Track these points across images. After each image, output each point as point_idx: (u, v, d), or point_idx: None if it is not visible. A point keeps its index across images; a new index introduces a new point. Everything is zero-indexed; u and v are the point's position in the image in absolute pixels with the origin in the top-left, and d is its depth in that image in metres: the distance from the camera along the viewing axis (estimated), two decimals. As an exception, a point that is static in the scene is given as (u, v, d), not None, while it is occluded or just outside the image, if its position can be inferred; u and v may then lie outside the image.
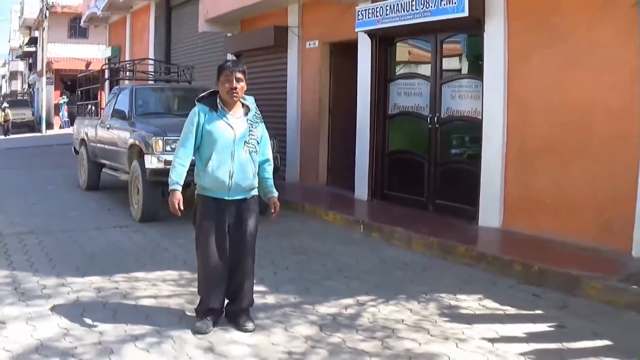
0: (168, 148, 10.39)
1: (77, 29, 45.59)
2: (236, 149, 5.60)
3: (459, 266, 8.18)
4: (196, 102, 5.78)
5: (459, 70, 11.04)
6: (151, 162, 10.53)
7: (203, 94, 5.86)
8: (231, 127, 5.63)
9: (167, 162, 10.16)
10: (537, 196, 9.13)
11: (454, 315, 6.25)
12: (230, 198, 5.65)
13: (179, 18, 23.43)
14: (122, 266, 7.93)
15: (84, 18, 32.64)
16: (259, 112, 5.88)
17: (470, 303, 6.62)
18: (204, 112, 5.65)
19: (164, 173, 10.23)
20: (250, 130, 5.69)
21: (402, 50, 12.16)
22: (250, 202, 5.76)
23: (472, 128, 10.34)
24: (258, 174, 5.82)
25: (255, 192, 5.83)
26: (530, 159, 9.25)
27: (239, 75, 5.65)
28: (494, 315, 6.30)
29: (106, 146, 13.40)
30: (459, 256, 8.38)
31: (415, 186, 11.41)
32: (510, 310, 6.45)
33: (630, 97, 7.91)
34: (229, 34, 17.69)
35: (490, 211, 9.70)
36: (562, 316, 6.25)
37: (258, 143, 5.77)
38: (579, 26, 8.64)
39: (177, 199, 5.59)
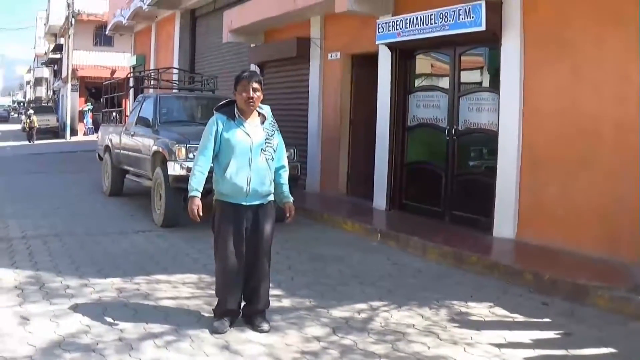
0: (191, 155, 10.63)
1: (102, 37, 45.94)
2: (253, 156, 5.82)
3: (471, 275, 8.37)
4: (214, 112, 6.02)
5: (477, 83, 11.24)
6: (174, 169, 10.79)
7: (221, 103, 6.10)
8: (248, 135, 5.84)
9: (190, 169, 10.41)
10: (549, 207, 9.32)
11: (464, 321, 6.44)
12: (247, 203, 5.87)
13: (203, 28, 23.77)
14: (143, 269, 8.20)
15: (109, 26, 33.02)
16: (274, 121, 6.10)
17: (480, 310, 6.81)
18: (222, 121, 5.88)
19: (187, 180, 10.53)
20: (266, 138, 5.92)
21: (422, 63, 12.38)
22: (267, 207, 5.99)
23: (488, 140, 10.54)
24: (274, 180, 6.06)
25: (271, 198, 6.06)
26: (542, 171, 9.45)
27: (255, 85, 5.85)
28: (503, 322, 6.48)
29: (130, 153, 13.70)
30: (472, 265, 8.58)
31: (432, 197, 11.61)
32: (519, 317, 6.63)
33: (637, 109, 8.11)
34: (252, 45, 17.94)
35: (505, 222, 9.90)
36: (569, 324, 6.42)
37: (274, 150, 5.98)
38: (588, 40, 8.86)
39: (197, 205, 5.82)
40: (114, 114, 17.61)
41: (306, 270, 8.38)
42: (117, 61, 44.83)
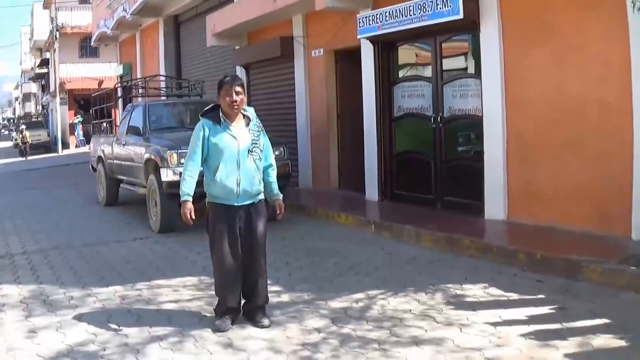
0: (182, 161, 10.71)
1: (87, 48, 46.00)
2: (241, 158, 5.97)
3: (465, 258, 8.51)
4: (200, 117, 6.17)
5: (459, 70, 11.37)
6: (167, 175, 10.91)
7: (206, 108, 6.24)
8: (235, 138, 5.99)
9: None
10: (538, 188, 9.48)
11: (460, 303, 6.58)
12: (239, 204, 6.03)
13: (187, 33, 23.83)
14: (144, 275, 8.32)
15: (94, 38, 33.00)
16: (259, 121, 6.25)
17: (475, 292, 6.95)
18: (208, 126, 6.02)
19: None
20: (253, 140, 6.07)
21: (404, 54, 12.49)
22: (258, 206, 6.15)
23: (474, 125, 10.69)
24: (263, 179, 6.22)
25: (262, 197, 6.22)
26: (529, 153, 9.61)
27: (238, 88, 6.00)
28: (498, 301, 6.62)
29: (123, 162, 13.80)
30: (465, 249, 8.72)
31: (423, 185, 11.75)
32: (514, 296, 6.77)
33: (620, 91, 8.25)
34: (236, 47, 18.03)
35: (495, 204, 10.05)
36: (563, 299, 6.56)
37: (261, 150, 6.13)
38: (569, 24, 8.99)
39: (189, 209, 5.95)
40: (104, 124, 17.68)
41: (303, 265, 8.50)
42: (104, 71, 44.78)
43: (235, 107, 6.00)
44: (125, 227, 12.22)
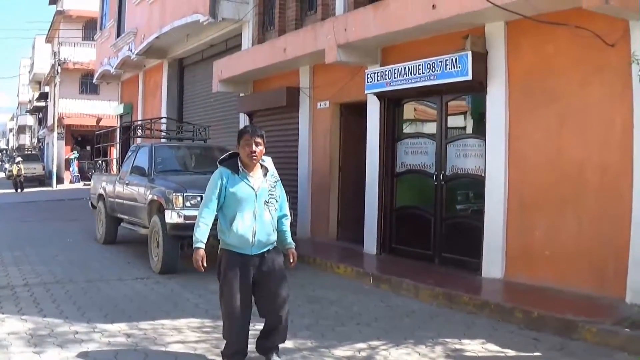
0: (188, 204, 11.04)
1: (88, 84, 46.16)
2: (258, 208, 6.07)
3: (463, 314, 8.76)
4: (218, 164, 6.28)
5: (464, 130, 11.73)
6: (171, 217, 11.14)
7: (224, 156, 6.36)
8: (252, 188, 6.09)
9: (187, 217, 10.80)
10: (536, 248, 9.78)
11: (459, 357, 6.82)
12: (252, 253, 6.10)
13: (191, 77, 24.21)
14: (147, 314, 8.50)
15: (96, 75, 33.03)
16: (276, 172, 6.40)
17: (474, 347, 7.19)
18: (226, 175, 6.11)
19: (184, 227, 11.00)
20: (269, 190, 6.20)
21: (409, 111, 12.86)
22: (272, 252, 6.25)
23: (475, 184, 11.01)
24: (277, 227, 6.36)
25: (274, 245, 6.32)
26: (529, 214, 9.93)
27: (258, 139, 6.11)
28: (496, 357, 6.86)
29: (125, 201, 14.02)
30: (463, 304, 8.98)
31: (422, 240, 12.01)
32: (511, 352, 7.01)
33: (621, 154, 8.63)
34: (241, 94, 18.36)
35: (493, 263, 10.33)
36: (559, 357, 6.83)
37: (277, 201, 6.27)
38: (572, 87, 9.41)
39: (201, 256, 6.01)
40: (100, 162, 17.91)
41: (305, 313, 8.71)
42: (103, 109, 45.02)
43: (254, 157, 6.09)
44: (125, 266, 12.39)
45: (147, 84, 27.88)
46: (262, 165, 6.28)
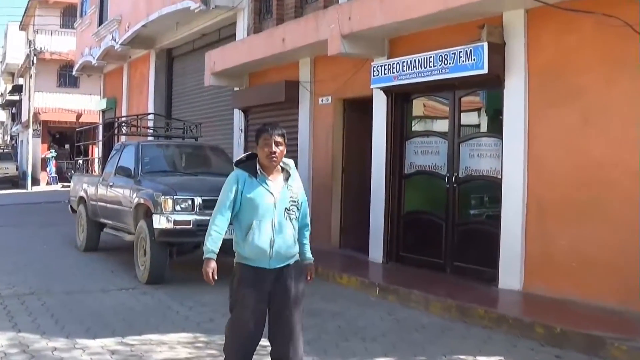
0: (178, 208, 11.07)
1: (67, 77, 46.13)
2: (277, 216, 5.73)
3: (478, 329, 8.79)
4: (235, 166, 5.95)
5: (478, 128, 11.78)
6: (160, 222, 11.17)
7: (241, 157, 6.07)
8: (271, 193, 5.75)
9: (177, 222, 10.85)
10: (558, 257, 9.78)
11: (474, 376, 6.86)
12: (270, 267, 5.73)
13: (181, 69, 24.28)
14: (133, 328, 8.50)
15: (76, 67, 33.06)
16: (298, 176, 6.07)
17: (490, 365, 7.24)
18: (243, 178, 5.79)
19: (173, 234, 11.04)
20: (291, 197, 5.85)
21: (419, 107, 12.92)
22: (291, 268, 5.87)
23: (491, 187, 11.04)
24: (297, 238, 5.95)
25: (296, 258, 5.95)
26: (549, 219, 9.94)
27: (279, 138, 5.76)
28: (514, 376, 6.91)
29: (108, 205, 14.03)
30: (479, 318, 9.00)
31: (433, 248, 12.04)
32: (531, 371, 7.06)
33: (650, 156, 8.63)
34: (236, 88, 18.41)
35: (511, 273, 10.34)
36: (583, 377, 6.87)
37: (298, 209, 5.91)
38: (597, 82, 9.41)
39: (212, 268, 5.66)
40: (80, 161, 17.91)
41: (305, 327, 8.62)
42: (84, 104, 44.91)
43: (274, 159, 5.73)
44: (109, 275, 12.41)
45: (133, 76, 27.90)
46: (283, 169, 5.93)
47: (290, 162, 6.00)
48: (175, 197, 11.19)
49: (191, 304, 9.79)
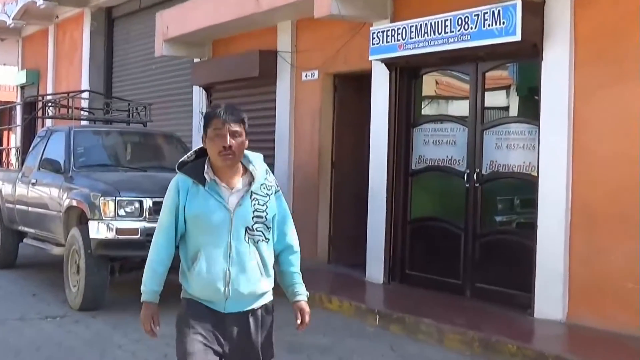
0: (121, 212, 10.95)
1: (-29, 42, 45.98)
2: (233, 239, 5.05)
3: (508, 369, 8.72)
4: (177, 170, 5.24)
5: (507, 111, 11.71)
6: (98, 231, 11.04)
7: (187, 155, 5.34)
8: (225, 207, 5.07)
9: (120, 231, 10.73)
10: (612, 278, 9.65)
11: None
12: (227, 311, 5.10)
13: (124, 34, 24.18)
14: (64, 368, 8.42)
15: (-16, 28, 32.79)
16: (271, 178, 5.31)
17: (525, 416, 7.15)
18: (185, 187, 5.14)
19: (116, 245, 10.91)
20: (255, 209, 5.13)
21: (431, 85, 12.87)
22: (258, 314, 5.20)
23: (523, 188, 11.02)
24: (280, 267, 5.36)
25: (268, 299, 5.26)
26: (601, 230, 9.82)
27: (236, 127, 5.05)
28: None
29: (30, 208, 13.90)
30: (509, 356, 8.91)
31: (448, 265, 11.98)
32: None
33: None
34: (196, 60, 18.34)
35: (550, 298, 10.23)
36: None
37: (268, 228, 5.19)
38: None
39: (152, 314, 5.16)
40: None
41: (286, 367, 8.64)
42: (-4, 77, 44.73)
43: (230, 156, 5.02)
44: (29, 299, 12.28)
45: (61, 42, 27.66)
46: (245, 169, 5.22)
47: (257, 157, 5.31)
48: (118, 198, 11.08)
49: (137, 335, 9.59)
